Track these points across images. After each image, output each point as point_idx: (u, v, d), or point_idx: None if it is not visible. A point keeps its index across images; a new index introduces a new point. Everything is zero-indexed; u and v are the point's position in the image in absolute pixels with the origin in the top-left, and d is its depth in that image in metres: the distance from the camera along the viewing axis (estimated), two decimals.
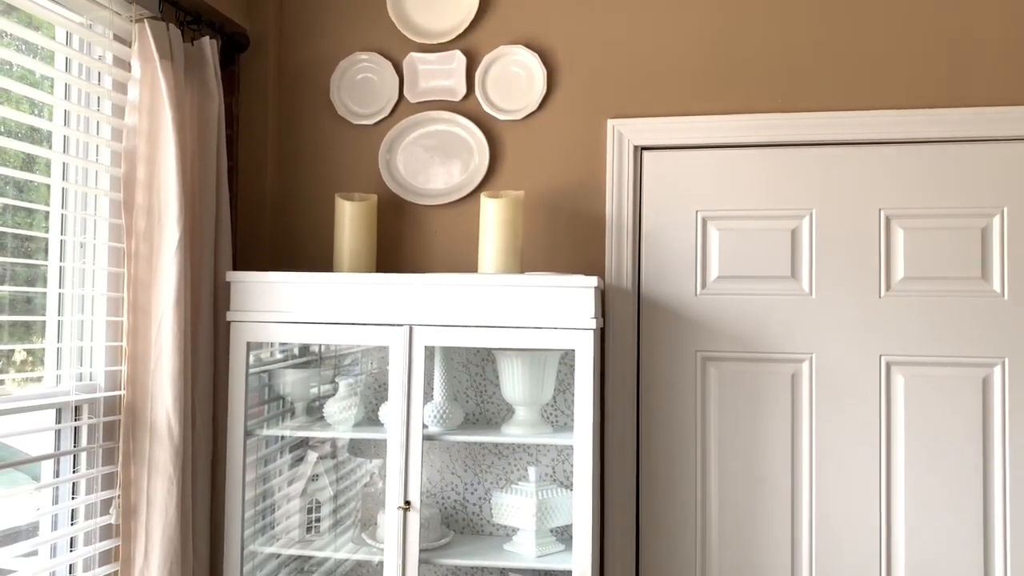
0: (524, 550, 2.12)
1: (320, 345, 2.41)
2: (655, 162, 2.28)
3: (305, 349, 2.43)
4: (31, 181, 1.92)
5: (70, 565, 1.95)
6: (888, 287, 2.17)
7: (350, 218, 2.26)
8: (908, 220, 2.16)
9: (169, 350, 1.99)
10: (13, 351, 1.89)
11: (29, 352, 1.94)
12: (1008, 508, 2.09)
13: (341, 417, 2.22)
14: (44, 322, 1.95)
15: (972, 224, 2.14)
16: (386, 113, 2.39)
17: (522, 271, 2.19)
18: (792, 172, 2.22)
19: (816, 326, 2.19)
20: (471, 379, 2.33)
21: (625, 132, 2.26)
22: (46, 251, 1.95)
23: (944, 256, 2.14)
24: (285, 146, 2.45)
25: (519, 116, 2.32)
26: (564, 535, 2.17)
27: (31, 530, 1.94)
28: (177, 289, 2.00)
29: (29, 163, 1.95)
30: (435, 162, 2.37)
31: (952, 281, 2.14)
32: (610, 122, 2.27)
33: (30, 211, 1.93)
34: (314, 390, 2.35)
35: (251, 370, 2.17)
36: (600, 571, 2.21)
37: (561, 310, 2.02)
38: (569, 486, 2.20)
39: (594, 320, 2.02)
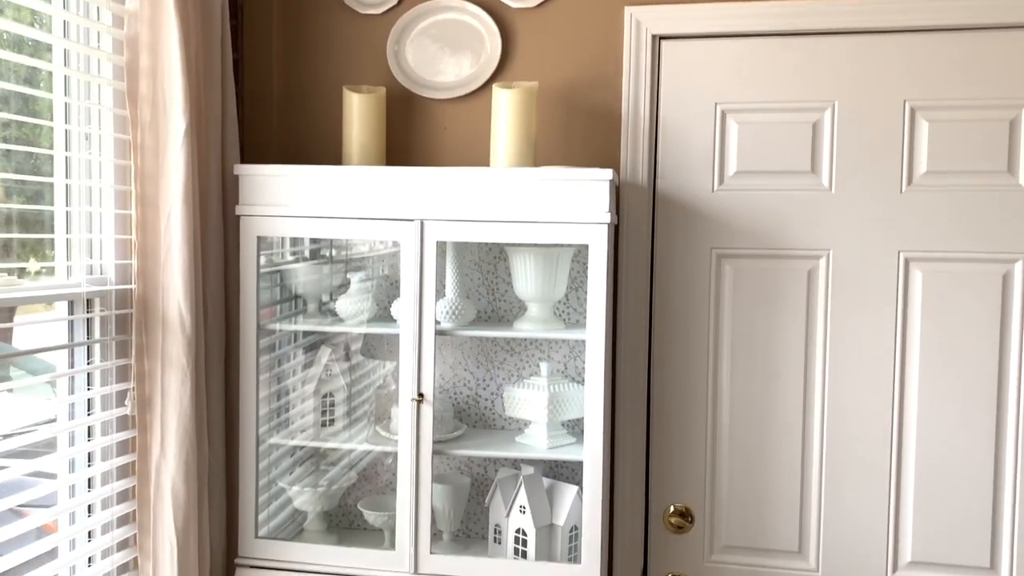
0: (536, 442, 2.14)
1: (331, 249, 2.39)
2: (674, 52, 2.21)
3: (316, 252, 2.42)
4: (32, 67, 1.87)
5: (88, 453, 1.98)
6: (910, 181, 2.12)
7: (358, 111, 2.21)
8: (933, 112, 2.10)
9: (179, 243, 1.98)
10: (22, 245, 1.88)
11: (38, 246, 1.93)
12: (1022, 404, 2.09)
13: (354, 312, 2.21)
14: (52, 214, 1.93)
15: (1000, 116, 2.07)
16: (394, 2, 2.30)
17: (536, 165, 2.15)
18: (815, 62, 2.14)
19: (835, 222, 2.15)
20: (483, 277, 2.31)
21: (643, 20, 2.18)
22: (51, 144, 1.92)
23: (969, 149, 2.08)
24: (291, 37, 2.38)
25: (532, 3, 2.24)
26: (575, 428, 2.18)
27: (48, 424, 1.96)
28: (185, 182, 1.97)
29: (31, 51, 1.89)
30: (445, 53, 2.30)
31: (976, 175, 2.09)
32: (627, 9, 2.19)
33: (34, 99, 1.89)
34: (327, 290, 2.34)
35: (262, 270, 2.16)
36: (611, 462, 2.23)
37: (575, 204, 1.98)
38: (581, 381, 2.21)
39: (608, 214, 1.98)
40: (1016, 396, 2.09)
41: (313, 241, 2.41)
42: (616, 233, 2.22)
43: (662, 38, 2.20)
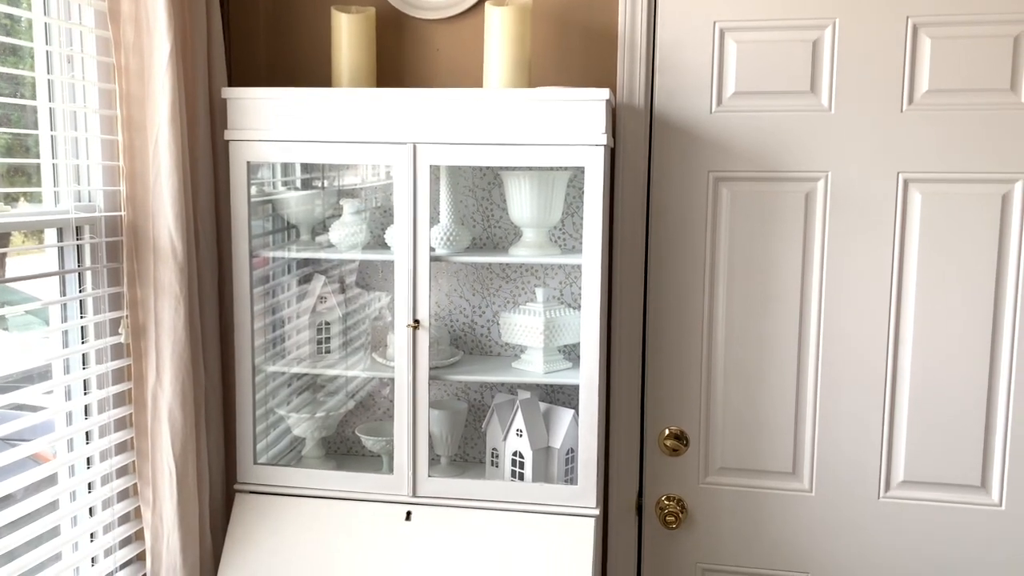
0: (532, 367, 2.14)
1: (323, 181, 2.35)
2: None
3: (308, 183, 2.38)
4: None
5: (84, 381, 1.98)
6: (911, 101, 2.08)
7: (347, 32, 2.15)
8: (937, 28, 2.05)
9: (167, 168, 1.94)
10: (9, 173, 1.84)
11: (23, 173, 1.90)
12: (1017, 323, 2.09)
13: (347, 240, 2.19)
14: (37, 139, 1.89)
15: (1004, 32, 2.02)
16: None
17: (531, 86, 2.10)
18: None
19: (834, 143, 2.12)
20: (478, 203, 2.28)
21: None
22: (32, 66, 1.86)
23: (972, 67, 2.04)
24: None
25: None
26: (572, 353, 2.18)
27: (43, 357, 1.95)
28: (171, 105, 1.93)
29: None
30: None
31: (978, 93, 2.05)
32: None
33: (12, 21, 1.83)
34: (319, 219, 2.31)
35: (254, 199, 2.13)
36: (607, 386, 2.24)
37: (570, 125, 1.95)
38: (577, 307, 2.20)
39: (604, 135, 1.95)
40: (1012, 316, 2.09)
41: (305, 170, 2.37)
42: (613, 156, 2.18)
43: None
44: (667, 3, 2.16)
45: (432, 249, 2.08)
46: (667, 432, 2.27)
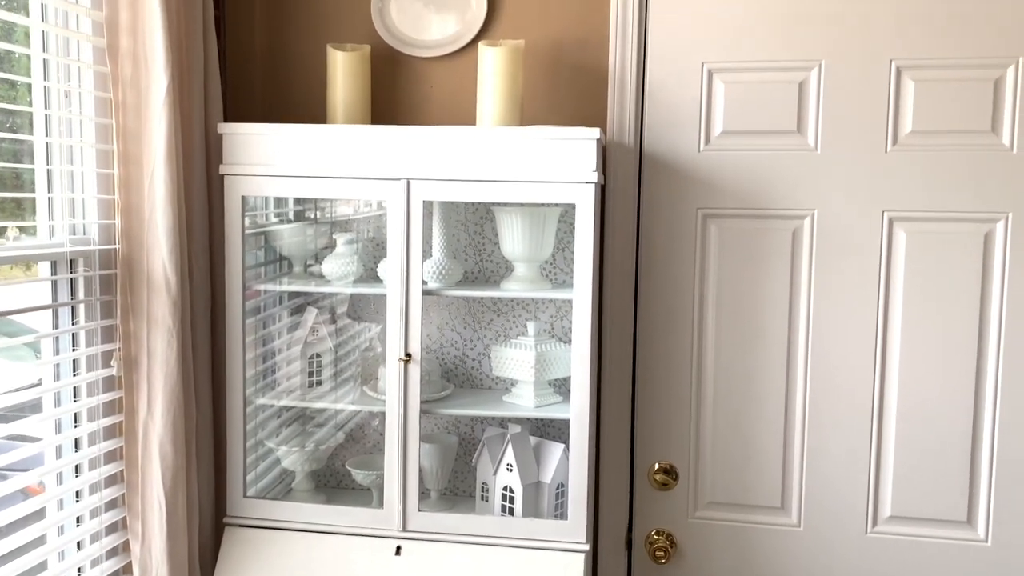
0: (523, 401, 2.15)
1: (316, 212, 2.38)
2: (661, 10, 2.19)
3: (301, 215, 2.40)
4: (8, 23, 1.84)
5: (75, 414, 1.98)
6: (895, 141, 2.13)
7: (343, 69, 2.18)
8: (919, 71, 2.10)
9: (163, 202, 1.96)
10: (3, 203, 1.86)
11: (19, 206, 1.91)
12: (1001, 361, 2.12)
13: (340, 273, 2.21)
14: (33, 174, 1.90)
15: (985, 75, 2.08)
16: None
17: (522, 124, 2.13)
18: (802, 21, 2.13)
19: (820, 182, 2.16)
20: (470, 237, 2.31)
21: None
22: (30, 101, 1.88)
23: (954, 108, 2.09)
24: None
25: None
26: (562, 387, 2.20)
27: (34, 386, 1.95)
28: (168, 140, 1.95)
29: (4, 5, 1.86)
30: (430, 11, 2.27)
31: (960, 135, 2.10)
32: None
33: (10, 55, 1.85)
34: (312, 252, 2.33)
35: (247, 232, 2.15)
36: (597, 420, 2.26)
37: (562, 163, 1.98)
38: (567, 341, 2.22)
39: (595, 173, 1.98)
40: (996, 354, 2.13)
41: (298, 202, 2.39)
42: (603, 193, 2.22)
43: None
44: (656, 44, 2.20)
45: (424, 283, 2.10)
46: (657, 466, 2.28)
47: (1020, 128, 2.07)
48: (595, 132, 1.96)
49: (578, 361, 2.02)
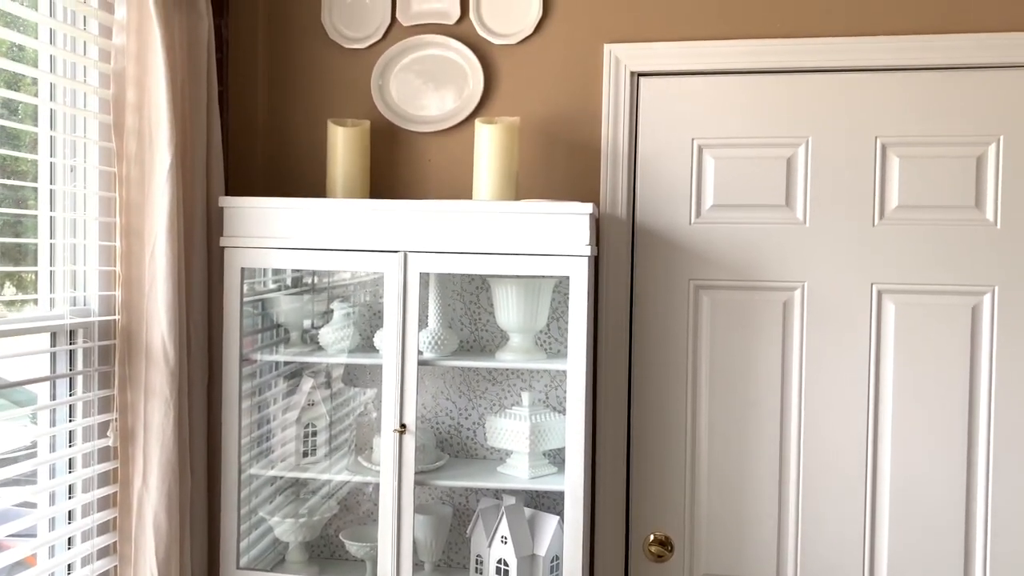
0: (518, 472, 2.15)
1: (314, 278, 2.41)
2: (652, 88, 2.26)
3: (299, 281, 2.43)
4: (18, 101, 1.89)
5: (69, 486, 1.98)
6: (882, 215, 2.18)
7: (343, 144, 2.24)
8: (904, 148, 2.16)
9: (163, 275, 1.99)
10: (5, 276, 1.88)
11: (21, 277, 1.94)
12: (992, 432, 2.14)
13: (336, 343, 2.23)
14: (36, 246, 1.94)
15: (968, 152, 2.13)
16: (378, 37, 2.34)
17: (517, 198, 2.18)
18: (790, 99, 2.20)
19: (809, 255, 2.20)
20: (465, 307, 2.34)
21: (622, 57, 2.23)
22: (35, 175, 1.93)
23: (939, 184, 2.14)
24: (276, 70, 2.41)
25: (514, 40, 2.28)
26: (557, 458, 2.20)
27: (29, 456, 1.95)
28: (170, 213, 1.99)
29: (15, 84, 1.91)
30: (429, 88, 2.34)
31: (946, 210, 2.15)
32: (607, 47, 2.24)
33: (17, 133, 1.90)
34: (309, 319, 2.35)
35: (245, 299, 2.17)
36: (592, 491, 2.26)
37: (556, 237, 2.02)
38: (562, 411, 2.23)
39: (589, 247, 2.02)
40: (986, 425, 2.14)
41: (295, 270, 2.42)
42: (596, 265, 2.25)
43: (640, 75, 2.26)
44: (648, 121, 2.26)
45: (420, 352, 2.12)
46: (652, 537, 2.27)
47: (1004, 203, 2.12)
48: (588, 207, 2.01)
49: (573, 432, 2.03)
